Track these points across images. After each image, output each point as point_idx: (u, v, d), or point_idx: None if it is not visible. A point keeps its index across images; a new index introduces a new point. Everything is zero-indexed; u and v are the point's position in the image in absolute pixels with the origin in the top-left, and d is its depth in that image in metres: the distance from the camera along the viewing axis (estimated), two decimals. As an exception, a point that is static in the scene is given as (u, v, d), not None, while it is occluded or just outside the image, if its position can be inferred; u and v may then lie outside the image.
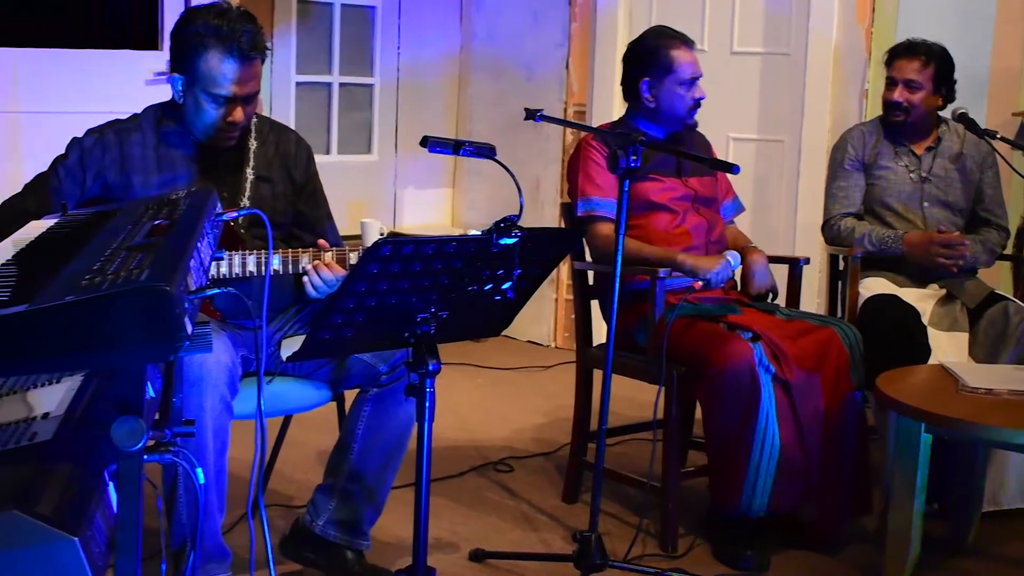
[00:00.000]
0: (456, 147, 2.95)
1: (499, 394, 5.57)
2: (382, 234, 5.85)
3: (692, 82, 3.93)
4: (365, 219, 6.00)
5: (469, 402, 5.29)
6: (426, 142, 2.99)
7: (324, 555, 3.36)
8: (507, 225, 2.58)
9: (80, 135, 3.29)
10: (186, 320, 1.50)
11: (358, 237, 5.60)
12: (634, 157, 3.21)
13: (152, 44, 5.48)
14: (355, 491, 3.31)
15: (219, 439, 3.01)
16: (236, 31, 3.13)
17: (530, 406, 5.37)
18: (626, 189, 3.24)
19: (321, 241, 3.20)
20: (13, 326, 1.51)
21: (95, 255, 1.81)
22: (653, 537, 3.78)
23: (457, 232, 6.61)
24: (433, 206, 7.04)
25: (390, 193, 6.87)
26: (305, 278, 3.14)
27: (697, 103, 3.95)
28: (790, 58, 5.65)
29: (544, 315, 6.49)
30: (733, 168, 3.36)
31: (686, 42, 3.97)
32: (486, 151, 2.91)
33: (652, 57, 3.93)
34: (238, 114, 3.20)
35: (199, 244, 1.88)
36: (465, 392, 5.40)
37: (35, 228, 2.41)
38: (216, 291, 1.76)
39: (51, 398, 1.96)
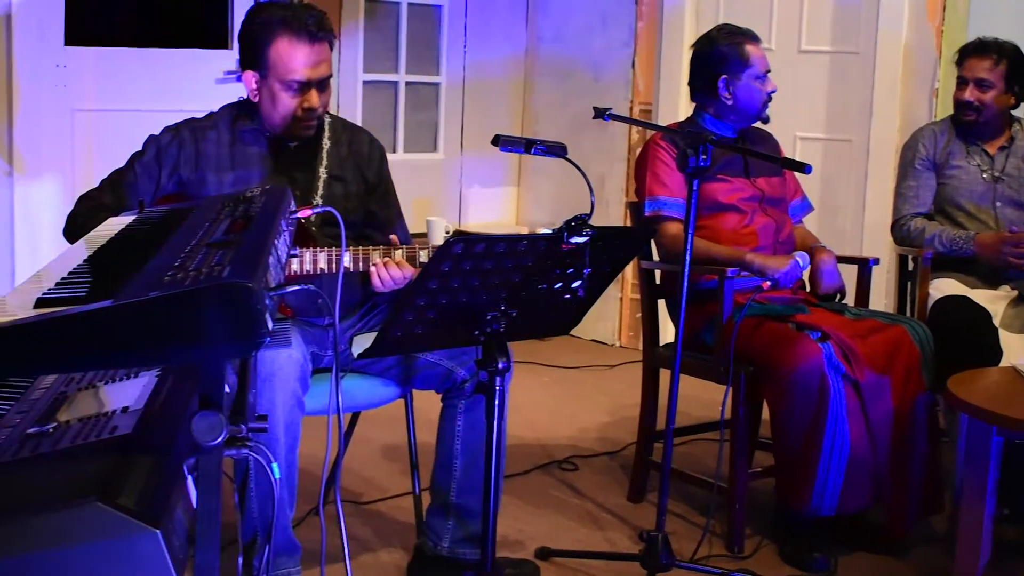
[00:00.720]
0: (528, 146, 2.95)
1: (564, 393, 5.58)
2: (447, 232, 5.91)
3: (765, 76, 3.93)
4: (431, 217, 6.07)
5: (534, 400, 5.29)
6: (498, 141, 3.00)
7: (460, 572, 3.38)
8: (578, 224, 2.59)
9: (156, 132, 3.34)
10: (267, 316, 1.52)
11: (424, 235, 5.64)
12: (704, 156, 3.20)
13: (222, 43, 5.54)
14: (469, 504, 3.33)
15: (290, 434, 3.04)
16: (302, 16, 3.20)
17: (595, 405, 5.37)
18: (696, 188, 3.23)
19: (393, 237, 3.22)
20: (98, 321, 1.53)
21: (175, 252, 1.84)
22: (719, 538, 3.76)
23: (523, 230, 6.64)
24: (498, 204, 7.05)
25: (455, 191, 6.90)
26: (373, 269, 3.16)
27: (769, 96, 3.95)
28: (859, 56, 5.60)
29: (609, 314, 6.48)
30: (805, 168, 3.34)
31: (755, 38, 3.98)
32: (557, 150, 2.91)
33: (727, 55, 3.93)
34: (314, 99, 3.24)
35: (276, 241, 1.90)
36: (530, 390, 5.41)
37: (115, 224, 2.45)
38: (296, 287, 1.78)
39: (129, 392, 1.99)
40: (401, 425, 3.57)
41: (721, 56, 3.94)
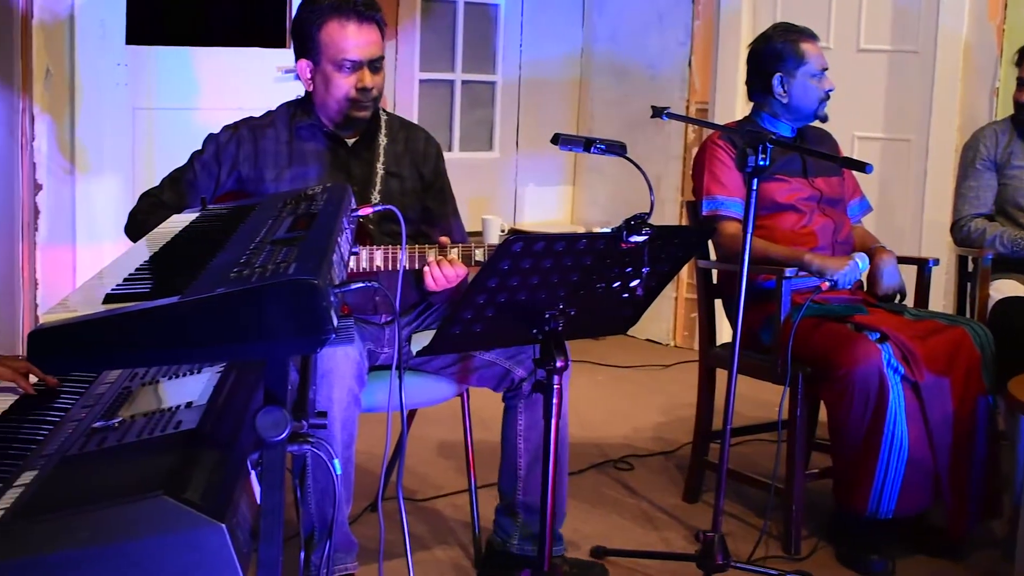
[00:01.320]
0: (587, 144, 2.95)
1: (618, 392, 5.57)
2: (503, 231, 5.92)
3: (821, 73, 3.91)
4: (486, 216, 6.07)
5: (588, 399, 5.29)
6: (557, 139, 3.00)
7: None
8: (637, 223, 2.58)
9: (216, 131, 3.37)
10: (332, 313, 1.53)
11: (479, 234, 5.65)
12: (763, 156, 3.18)
13: (280, 42, 5.58)
14: (535, 503, 3.33)
15: (347, 431, 3.06)
16: (349, 0, 3.24)
17: (649, 404, 5.36)
18: (755, 188, 3.22)
19: (443, 238, 3.23)
20: (166, 317, 1.55)
21: (240, 249, 1.85)
22: (775, 539, 3.74)
23: (578, 229, 6.63)
24: (553, 203, 7.06)
25: (511, 190, 6.91)
26: (426, 269, 3.17)
27: (827, 95, 3.92)
28: (918, 55, 5.55)
29: (663, 314, 6.47)
30: (866, 167, 3.31)
31: (811, 36, 3.97)
32: (617, 148, 2.90)
33: (782, 52, 3.92)
34: (367, 78, 3.27)
35: (339, 239, 1.91)
36: (584, 389, 5.40)
37: (178, 222, 2.47)
38: (360, 284, 1.79)
39: (192, 388, 2.01)
40: (454, 422, 3.58)
41: (776, 53, 3.92)
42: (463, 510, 3.85)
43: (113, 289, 1.71)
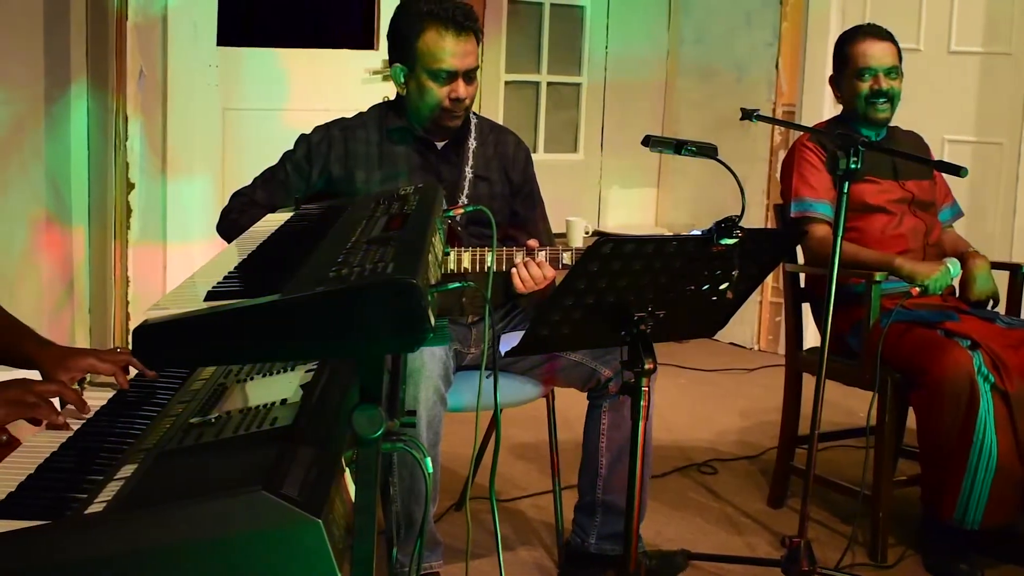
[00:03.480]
0: (678, 147, 2.94)
1: (702, 395, 5.54)
2: (587, 233, 5.92)
3: (867, 72, 3.86)
4: (570, 217, 6.07)
5: (671, 402, 5.27)
6: (648, 141, 3.00)
7: (607, 569, 3.40)
8: (728, 225, 2.57)
9: (307, 132, 3.40)
10: (430, 312, 1.54)
11: (563, 235, 5.65)
12: (855, 159, 3.16)
13: (368, 44, 5.62)
14: (615, 502, 3.34)
15: (432, 430, 3.08)
16: (448, 8, 3.27)
17: (733, 408, 5.33)
18: (846, 191, 3.19)
19: (531, 241, 3.23)
20: (266, 315, 1.57)
21: (336, 248, 1.87)
22: (861, 546, 3.71)
23: (662, 231, 6.61)
24: (638, 205, 7.04)
25: (595, 192, 6.90)
26: (514, 271, 3.19)
27: (878, 93, 3.86)
28: (1011, 58, 5.46)
29: (747, 317, 6.42)
30: (960, 170, 3.27)
31: (872, 34, 3.93)
32: (708, 150, 2.89)
33: (836, 54, 3.97)
34: (460, 89, 3.28)
35: (433, 239, 1.92)
36: (667, 392, 5.38)
37: (273, 221, 2.50)
38: (457, 284, 1.80)
39: (286, 385, 2.03)
40: (536, 423, 3.59)
41: (834, 56, 3.98)
42: (546, 511, 3.86)
43: (214, 287, 1.74)
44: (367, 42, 5.63)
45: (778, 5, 6.27)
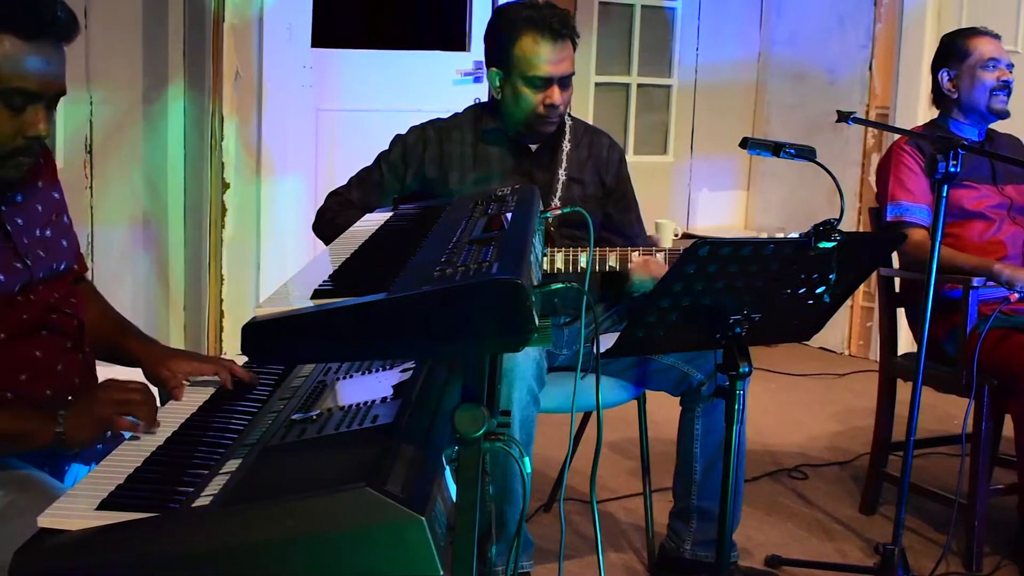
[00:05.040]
0: (776, 149, 2.92)
1: (792, 400, 5.50)
2: (676, 235, 5.89)
3: (992, 64, 3.82)
4: (660, 219, 6.05)
5: (761, 407, 5.23)
6: (746, 143, 2.99)
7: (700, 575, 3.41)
8: (826, 228, 2.55)
9: (403, 132, 3.43)
10: (535, 312, 1.55)
11: (652, 238, 5.63)
12: (954, 163, 3.11)
13: (459, 45, 5.65)
14: (710, 507, 3.33)
15: (525, 431, 3.08)
16: (546, 15, 3.27)
17: (823, 413, 5.28)
18: (944, 194, 3.15)
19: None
20: (372, 314, 1.59)
21: (439, 248, 1.89)
22: (956, 555, 3.65)
23: (751, 234, 6.57)
24: (727, 208, 7.00)
25: (684, 194, 6.88)
26: (631, 265, 3.18)
27: (1004, 84, 3.83)
28: (1114, 60, 5.36)
29: (838, 322, 6.35)
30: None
31: (987, 34, 3.91)
32: (807, 153, 2.87)
33: (949, 47, 3.93)
34: (555, 95, 3.28)
35: (533, 240, 1.93)
36: (757, 397, 5.34)
37: (373, 221, 2.52)
38: (559, 286, 1.81)
39: (385, 383, 2.05)
40: (623, 424, 3.58)
41: (943, 50, 3.94)
42: (636, 513, 3.85)
43: (320, 285, 1.76)
44: (458, 43, 5.66)
45: (872, 7, 6.20)
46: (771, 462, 4.55)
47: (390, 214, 2.62)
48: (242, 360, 2.34)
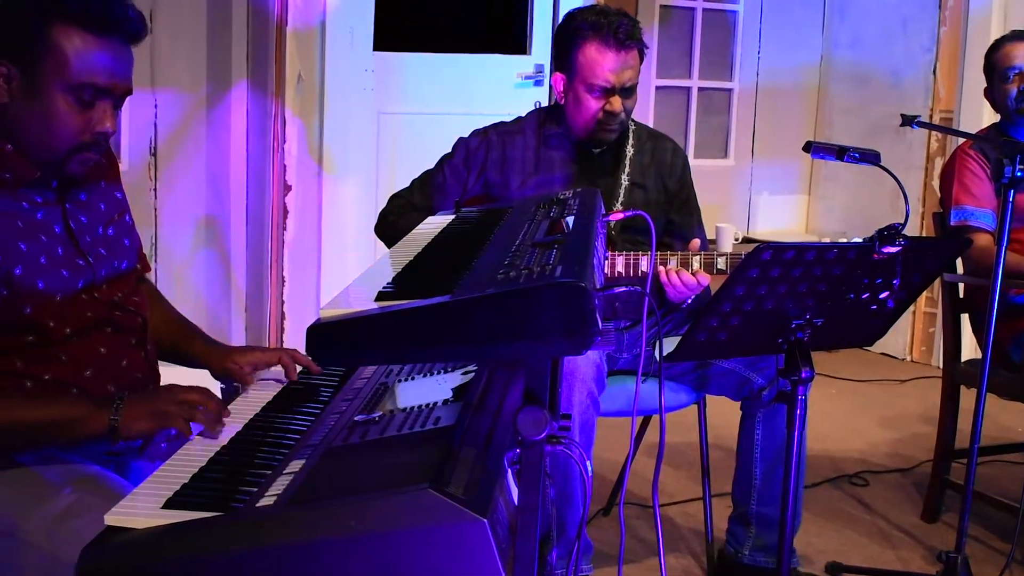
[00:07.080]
0: (840, 152, 2.90)
1: (852, 406, 5.46)
2: (737, 239, 5.85)
3: (1012, 72, 3.84)
4: (720, 223, 6.02)
5: (822, 412, 5.20)
6: (809, 147, 2.97)
7: None
8: (891, 233, 2.53)
9: (465, 136, 3.44)
10: (598, 316, 1.55)
11: (712, 242, 5.61)
12: (1021, 167, 3.08)
13: (521, 49, 5.66)
14: (769, 513, 3.33)
15: (585, 434, 3.08)
16: (613, 23, 3.25)
17: (884, 420, 5.24)
18: (1011, 199, 3.11)
19: (694, 241, 3.23)
20: (437, 316, 1.59)
21: (502, 250, 1.89)
22: (1020, 564, 3.61)
23: (812, 239, 6.52)
24: (788, 212, 6.96)
25: (745, 198, 6.85)
26: (662, 269, 3.17)
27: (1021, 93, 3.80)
28: None
29: (900, 327, 6.29)
30: None
31: (1017, 37, 3.93)
32: (871, 157, 2.85)
33: (986, 66, 3.95)
34: (616, 104, 3.27)
35: (596, 243, 1.93)
36: (818, 402, 5.30)
37: (435, 224, 2.53)
38: (622, 289, 1.81)
39: (447, 385, 2.06)
40: (682, 428, 3.57)
41: (984, 69, 3.96)
42: (695, 518, 3.84)
43: (384, 287, 1.77)
44: (519, 47, 5.66)
45: (936, 10, 6.15)
46: (831, 468, 4.51)
47: (452, 217, 2.63)
48: (304, 354, 2.35)
